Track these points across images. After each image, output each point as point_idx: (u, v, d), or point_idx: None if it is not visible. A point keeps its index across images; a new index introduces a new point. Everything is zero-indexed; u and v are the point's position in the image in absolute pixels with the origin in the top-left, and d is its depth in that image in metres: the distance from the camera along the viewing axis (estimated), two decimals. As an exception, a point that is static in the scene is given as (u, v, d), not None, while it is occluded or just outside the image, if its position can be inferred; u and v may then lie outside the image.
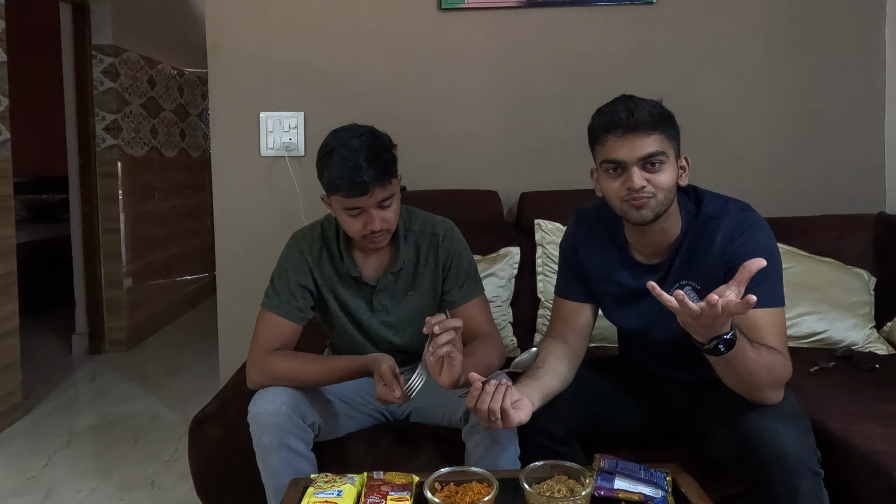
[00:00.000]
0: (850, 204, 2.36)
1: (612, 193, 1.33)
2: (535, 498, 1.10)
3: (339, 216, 1.48)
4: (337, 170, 1.39)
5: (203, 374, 3.38)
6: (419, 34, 2.40)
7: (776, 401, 1.27)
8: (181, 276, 4.76)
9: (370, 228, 1.44)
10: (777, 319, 1.31)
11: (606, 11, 2.39)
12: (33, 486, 2.34)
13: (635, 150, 1.28)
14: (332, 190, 1.43)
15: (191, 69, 4.91)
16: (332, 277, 1.58)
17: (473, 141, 2.43)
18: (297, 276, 1.56)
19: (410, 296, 1.59)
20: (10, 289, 2.90)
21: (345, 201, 1.42)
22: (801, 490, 1.19)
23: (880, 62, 2.41)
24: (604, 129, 1.31)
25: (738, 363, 1.19)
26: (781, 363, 1.26)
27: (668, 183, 1.30)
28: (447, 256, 1.58)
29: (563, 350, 1.43)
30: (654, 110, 1.30)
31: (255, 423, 1.40)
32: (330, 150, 1.43)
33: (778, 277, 1.33)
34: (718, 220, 1.35)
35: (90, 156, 3.83)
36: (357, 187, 1.39)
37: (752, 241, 1.32)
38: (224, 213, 2.44)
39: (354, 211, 1.43)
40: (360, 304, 1.59)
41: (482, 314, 1.59)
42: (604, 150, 1.32)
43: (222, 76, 2.41)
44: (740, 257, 1.23)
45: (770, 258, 1.25)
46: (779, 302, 1.32)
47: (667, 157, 1.30)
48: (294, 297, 1.54)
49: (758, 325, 1.27)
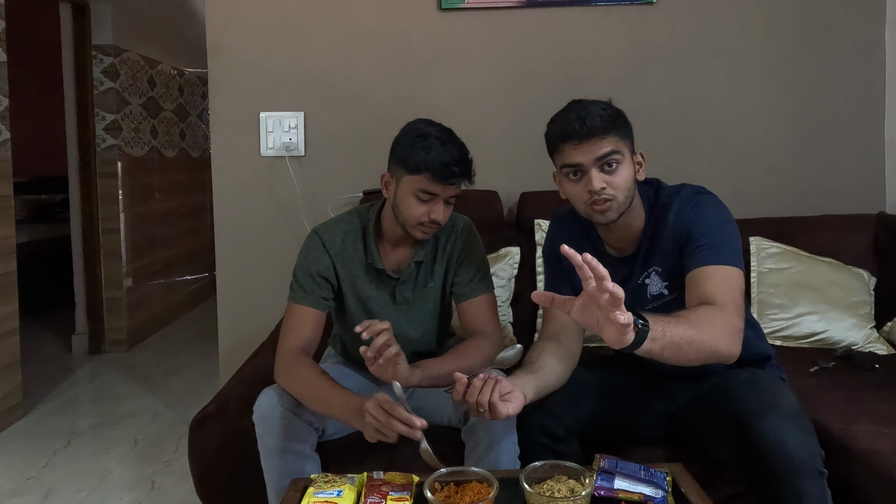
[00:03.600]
0: (850, 204, 2.36)
1: (575, 198, 1.39)
2: (535, 498, 1.10)
3: (405, 199, 1.48)
4: (436, 153, 1.43)
5: (203, 374, 3.38)
6: (419, 34, 2.40)
7: (734, 357, 1.23)
8: (181, 276, 4.76)
9: (433, 217, 1.47)
10: (725, 276, 1.30)
11: (606, 11, 2.39)
12: (33, 486, 2.34)
13: (591, 153, 1.33)
14: (420, 170, 1.44)
15: (191, 69, 4.91)
16: (356, 268, 1.58)
17: (473, 141, 2.37)
18: (319, 268, 1.56)
19: (430, 287, 1.61)
20: (10, 289, 2.90)
21: (429, 185, 1.44)
22: (806, 490, 1.19)
23: (880, 62, 2.41)
24: (559, 139, 1.37)
25: (671, 346, 1.15)
26: (721, 318, 1.22)
27: (626, 182, 1.36)
28: (462, 249, 1.60)
29: (557, 348, 1.43)
30: (604, 113, 1.34)
31: (262, 424, 1.41)
32: (424, 135, 1.46)
33: (728, 243, 1.35)
34: (671, 203, 1.41)
35: (90, 156, 3.83)
36: (450, 175, 1.43)
37: (701, 213, 1.37)
38: (224, 213, 2.44)
39: (427, 196, 1.46)
40: (381, 297, 1.60)
41: (486, 312, 1.59)
42: (561, 157, 1.38)
43: (222, 76, 2.41)
44: (691, 229, 1.33)
45: (722, 227, 1.34)
46: (727, 261, 1.31)
47: (622, 156, 1.35)
48: (318, 286, 1.56)
49: (702, 281, 1.29)
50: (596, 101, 1.37)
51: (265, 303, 2.36)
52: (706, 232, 1.34)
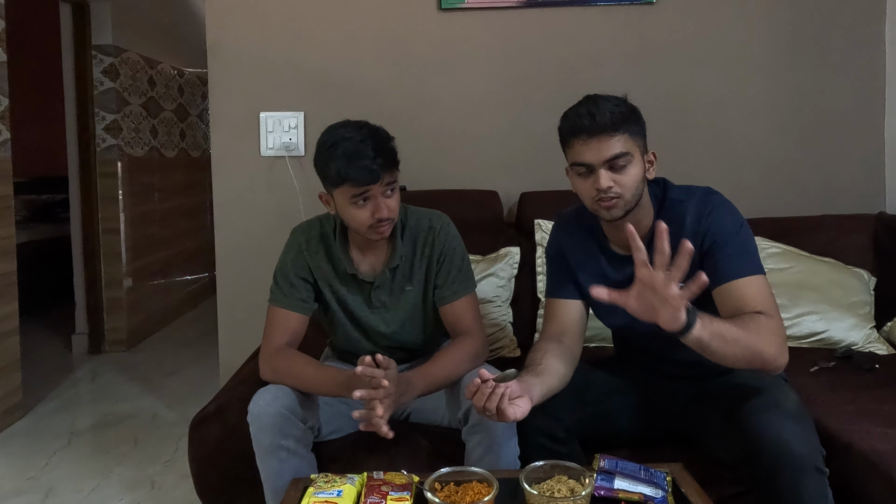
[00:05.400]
0: (850, 204, 2.36)
1: (583, 194, 1.40)
2: (535, 498, 1.10)
3: (345, 210, 1.48)
4: (345, 160, 1.41)
5: (203, 374, 3.38)
6: (419, 34, 2.40)
7: (781, 363, 1.25)
8: (181, 276, 4.76)
9: (378, 216, 1.45)
10: (759, 285, 1.32)
11: (606, 11, 2.39)
12: (33, 486, 2.34)
13: (600, 153, 1.33)
14: (340, 180, 1.43)
15: (191, 69, 4.91)
16: (330, 273, 1.59)
17: (473, 141, 2.43)
18: (297, 270, 1.58)
19: (408, 290, 1.60)
20: (10, 289, 2.90)
21: (353, 190, 1.43)
22: (807, 489, 1.19)
23: (880, 62, 2.41)
24: (569, 133, 1.37)
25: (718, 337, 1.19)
26: (769, 324, 1.25)
27: (634, 181, 1.35)
28: (441, 251, 1.59)
29: (559, 349, 1.43)
30: (616, 110, 1.34)
31: (255, 423, 1.41)
32: (333, 144, 1.44)
33: (752, 250, 1.37)
34: (685, 203, 1.41)
35: (90, 156, 3.83)
36: (368, 174, 1.41)
37: (720, 217, 1.38)
38: (224, 213, 2.44)
39: (361, 200, 1.44)
40: (357, 301, 1.60)
41: (469, 312, 1.59)
42: (572, 152, 1.38)
43: (222, 76, 2.41)
44: (713, 234, 1.34)
45: (740, 232, 1.36)
46: (757, 270, 1.34)
47: (632, 156, 1.35)
48: (296, 289, 1.56)
49: (741, 294, 1.30)
50: (609, 98, 1.36)
51: (265, 303, 2.32)
52: (730, 240, 1.35)
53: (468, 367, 1.51)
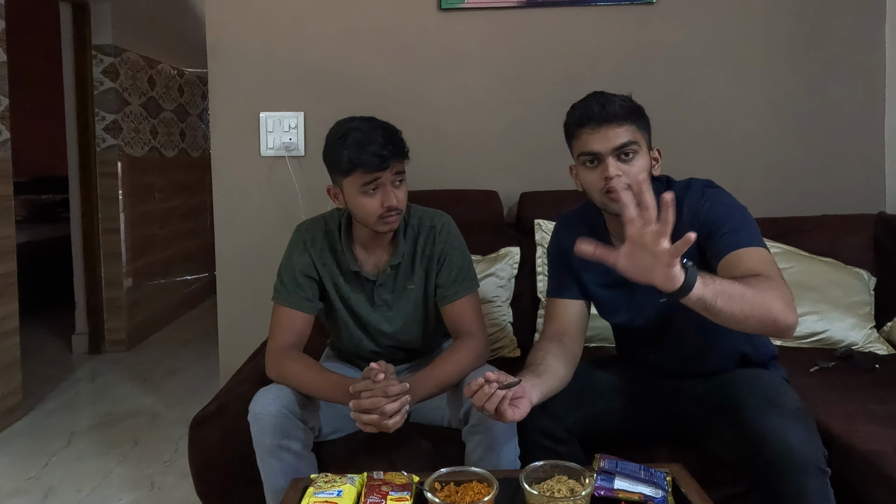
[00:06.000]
0: (850, 204, 2.35)
1: (591, 185, 1.39)
2: (535, 498, 1.10)
3: (354, 200, 1.49)
4: (356, 147, 1.44)
5: (203, 374, 3.38)
6: (419, 34, 2.40)
7: (791, 321, 1.18)
8: (181, 276, 4.76)
9: (387, 205, 1.46)
10: (761, 254, 1.29)
11: (606, 11, 2.39)
12: (33, 486, 2.34)
13: (609, 141, 1.34)
14: (352, 167, 1.45)
15: (191, 69, 4.91)
16: (334, 271, 1.60)
17: (473, 141, 2.43)
18: (302, 267, 1.58)
19: (409, 289, 1.61)
20: (10, 289, 2.90)
21: (364, 177, 1.44)
22: (809, 489, 1.19)
23: (880, 62, 2.41)
24: (578, 123, 1.37)
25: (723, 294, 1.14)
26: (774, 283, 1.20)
27: (642, 172, 1.35)
28: (442, 250, 1.59)
29: (560, 349, 1.43)
30: (624, 103, 1.36)
31: (256, 423, 1.41)
32: (343, 134, 1.47)
33: (751, 227, 1.35)
34: (683, 196, 1.40)
35: (90, 156, 3.83)
36: (379, 159, 1.43)
37: (718, 203, 1.38)
38: (224, 213, 2.44)
39: (371, 188, 1.46)
40: (360, 300, 1.60)
41: (471, 312, 1.59)
42: (579, 143, 1.38)
43: (222, 76, 2.41)
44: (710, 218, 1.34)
45: (741, 213, 1.36)
46: (758, 243, 1.32)
47: (639, 146, 1.36)
48: (301, 287, 1.57)
49: (743, 262, 1.27)
50: (616, 94, 1.38)
51: (265, 303, 2.32)
52: (727, 219, 1.34)
53: (471, 368, 1.51)
